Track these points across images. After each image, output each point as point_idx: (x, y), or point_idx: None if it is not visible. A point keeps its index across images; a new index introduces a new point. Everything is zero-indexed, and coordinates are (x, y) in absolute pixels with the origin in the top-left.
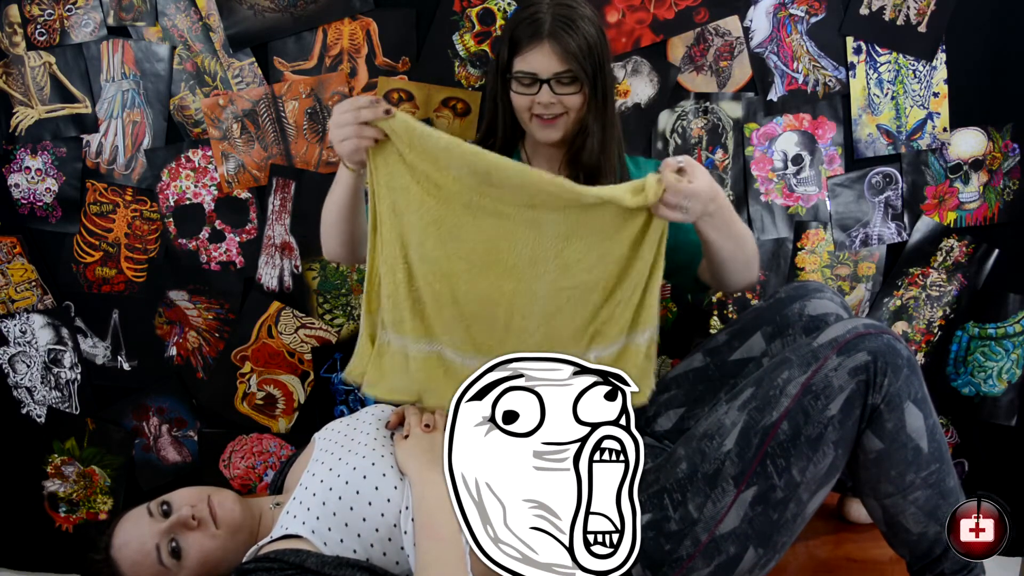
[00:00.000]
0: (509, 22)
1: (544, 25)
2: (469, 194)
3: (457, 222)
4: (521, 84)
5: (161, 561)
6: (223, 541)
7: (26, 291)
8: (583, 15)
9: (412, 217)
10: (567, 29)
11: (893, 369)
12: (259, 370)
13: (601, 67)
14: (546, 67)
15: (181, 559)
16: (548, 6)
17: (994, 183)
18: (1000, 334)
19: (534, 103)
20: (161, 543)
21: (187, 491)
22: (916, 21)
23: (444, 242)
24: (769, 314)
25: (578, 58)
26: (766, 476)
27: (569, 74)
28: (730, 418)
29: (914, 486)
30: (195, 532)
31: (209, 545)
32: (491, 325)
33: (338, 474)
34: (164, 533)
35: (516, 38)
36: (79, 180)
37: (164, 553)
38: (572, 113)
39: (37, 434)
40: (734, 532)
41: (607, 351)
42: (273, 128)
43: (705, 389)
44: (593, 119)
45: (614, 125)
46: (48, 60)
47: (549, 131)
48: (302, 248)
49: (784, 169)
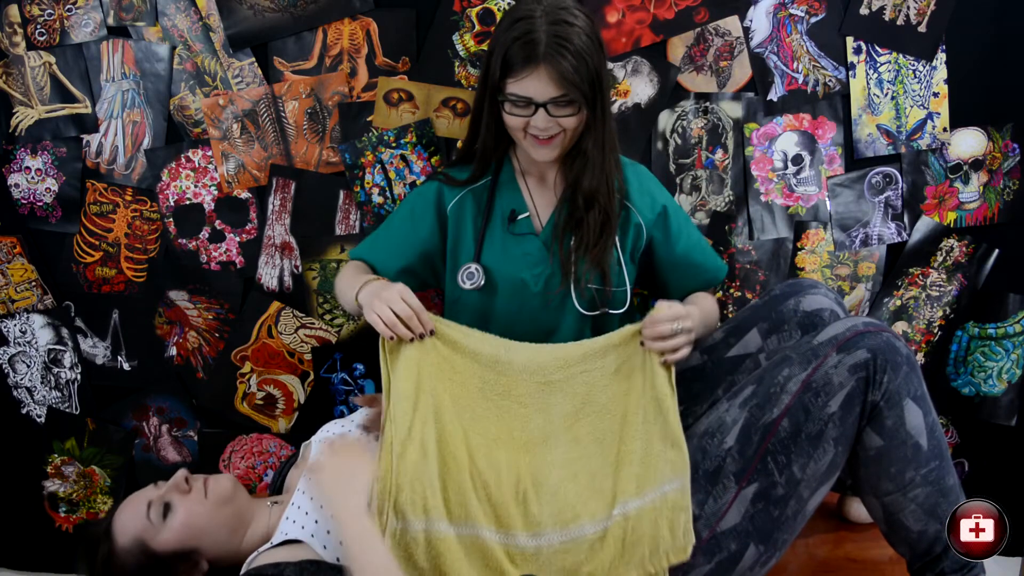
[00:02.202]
0: (501, 36)
1: (539, 47)
2: (482, 380)
3: (472, 403)
4: (516, 106)
5: (149, 516)
6: (208, 509)
7: (26, 291)
8: (578, 28)
9: (432, 392)
10: (563, 50)
11: (893, 366)
12: (259, 370)
13: (599, 84)
14: (542, 92)
15: (167, 518)
16: (542, 21)
17: (994, 183)
18: (1000, 334)
19: (529, 124)
20: (154, 501)
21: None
22: (916, 21)
23: (461, 417)
24: (764, 310)
25: (575, 81)
26: (767, 473)
27: (566, 98)
28: (731, 415)
29: (914, 483)
30: (185, 495)
31: (195, 509)
32: (512, 492)
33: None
34: (159, 496)
35: (509, 59)
36: (79, 180)
37: (153, 510)
38: (569, 132)
39: (37, 434)
40: (735, 529)
41: (630, 506)
42: (273, 128)
43: (702, 386)
44: (593, 143)
45: (613, 140)
46: (48, 60)
47: (544, 151)
48: (302, 248)
49: (784, 169)
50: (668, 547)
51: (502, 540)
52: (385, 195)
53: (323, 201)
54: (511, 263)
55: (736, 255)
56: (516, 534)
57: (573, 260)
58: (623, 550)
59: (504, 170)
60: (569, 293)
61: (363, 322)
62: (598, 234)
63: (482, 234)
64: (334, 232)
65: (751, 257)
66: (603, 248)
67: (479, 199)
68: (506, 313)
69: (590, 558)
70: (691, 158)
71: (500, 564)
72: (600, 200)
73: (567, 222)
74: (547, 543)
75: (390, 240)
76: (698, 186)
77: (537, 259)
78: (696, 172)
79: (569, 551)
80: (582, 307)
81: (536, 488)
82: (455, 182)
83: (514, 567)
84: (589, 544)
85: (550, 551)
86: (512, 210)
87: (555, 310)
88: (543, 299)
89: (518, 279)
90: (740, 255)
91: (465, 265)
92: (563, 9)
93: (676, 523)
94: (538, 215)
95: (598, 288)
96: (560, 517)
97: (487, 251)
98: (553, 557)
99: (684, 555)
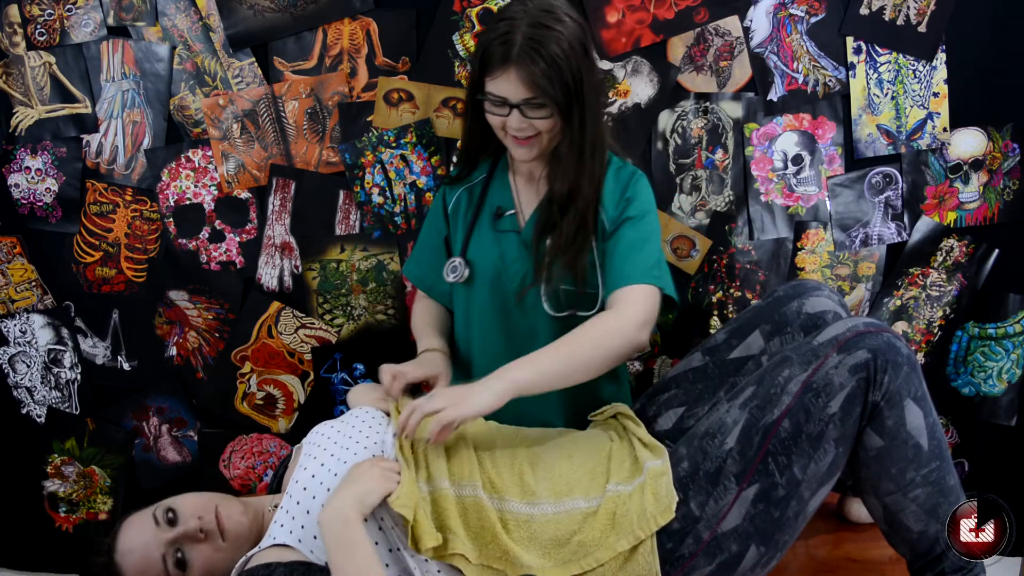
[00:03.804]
0: (483, 35)
1: (513, 48)
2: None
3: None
4: (494, 105)
5: (167, 571)
6: (229, 553)
7: (26, 291)
8: (558, 35)
9: None
10: (536, 53)
11: (893, 367)
12: (259, 370)
13: (576, 91)
14: (514, 93)
15: (186, 570)
16: (522, 22)
17: (994, 183)
18: (1000, 334)
19: (506, 124)
20: (167, 553)
21: (193, 498)
22: (916, 21)
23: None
24: (767, 312)
25: (545, 87)
26: (768, 474)
27: (537, 100)
28: (731, 416)
29: (914, 484)
30: (201, 544)
31: (215, 557)
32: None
33: (320, 480)
34: (170, 543)
35: (486, 58)
36: (79, 180)
37: (170, 564)
38: (545, 135)
39: (37, 434)
40: (736, 530)
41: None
42: (273, 128)
43: (705, 388)
44: (567, 147)
45: (596, 145)
46: (48, 60)
47: (523, 151)
48: (302, 248)
49: (784, 169)
50: (654, 511)
51: (496, 505)
52: (385, 195)
53: (323, 201)
54: (493, 259)
55: (736, 255)
56: (510, 500)
57: (547, 261)
58: (613, 522)
59: (498, 167)
60: (539, 293)
61: (363, 322)
62: (572, 237)
63: (470, 229)
64: (334, 232)
65: (751, 257)
66: (576, 251)
67: (473, 195)
68: (486, 309)
69: (582, 528)
70: (691, 158)
71: (493, 527)
72: (577, 204)
73: (546, 222)
74: (540, 512)
75: (423, 255)
76: (698, 186)
77: (516, 256)
78: (696, 172)
79: (562, 521)
80: (550, 308)
81: (532, 466)
82: (454, 180)
83: (506, 533)
84: (582, 516)
85: (543, 519)
86: (499, 207)
87: (530, 309)
88: (518, 296)
89: (496, 275)
90: (740, 255)
91: (451, 259)
92: (547, 12)
93: (659, 488)
94: (522, 213)
95: (570, 289)
96: (555, 490)
97: (473, 246)
98: (546, 525)
99: (669, 514)
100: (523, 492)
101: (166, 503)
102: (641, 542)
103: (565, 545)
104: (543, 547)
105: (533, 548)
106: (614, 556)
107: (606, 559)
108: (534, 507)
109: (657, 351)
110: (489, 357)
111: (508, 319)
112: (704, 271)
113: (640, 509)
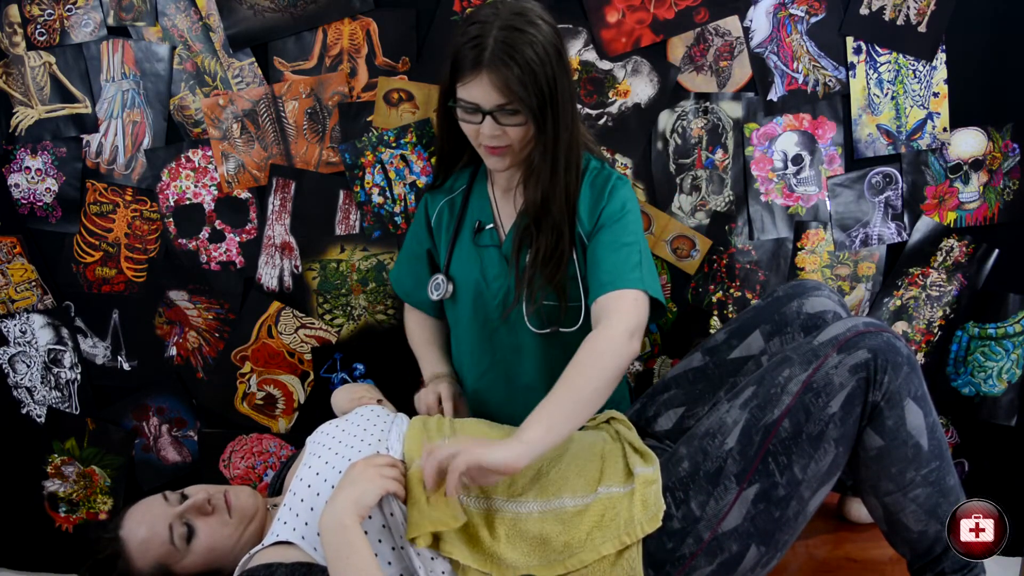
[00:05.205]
0: (455, 39)
1: (485, 52)
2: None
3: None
4: (466, 112)
5: (172, 541)
6: (234, 530)
7: (26, 291)
8: (531, 39)
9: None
10: (508, 58)
11: (893, 367)
12: (259, 370)
13: (551, 97)
14: (487, 99)
15: (191, 542)
16: (493, 25)
17: (994, 183)
18: (1000, 334)
19: (479, 132)
20: (174, 523)
21: (204, 485)
22: (916, 21)
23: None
24: (767, 312)
25: (519, 92)
26: (768, 474)
27: (511, 107)
28: (731, 416)
29: (914, 484)
30: (208, 517)
31: (220, 532)
32: None
33: (324, 478)
34: (178, 515)
35: (457, 63)
36: (79, 180)
37: (177, 534)
38: (517, 142)
39: (37, 434)
40: (736, 530)
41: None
42: (273, 128)
43: (704, 388)
44: (540, 154)
45: (571, 154)
46: (48, 60)
47: (496, 160)
48: (302, 248)
49: (784, 169)
50: (641, 519)
51: (483, 505)
52: (385, 195)
53: (323, 201)
54: (475, 275)
55: (736, 255)
56: (496, 498)
57: (528, 276)
58: (600, 524)
59: (477, 179)
60: (521, 311)
61: (363, 322)
62: (550, 252)
63: (452, 244)
64: (334, 232)
65: (751, 257)
66: (556, 264)
67: (454, 207)
68: (472, 326)
69: (567, 529)
70: (691, 158)
71: (477, 531)
72: (553, 215)
73: (524, 235)
74: (526, 510)
75: (405, 264)
76: (698, 186)
77: (498, 273)
78: (696, 172)
79: (548, 520)
80: (532, 325)
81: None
82: (433, 187)
83: (491, 534)
84: (569, 515)
85: (528, 518)
86: (479, 220)
87: (514, 325)
88: (501, 313)
89: (478, 292)
90: (740, 255)
91: (434, 276)
92: (520, 16)
93: (648, 496)
94: (502, 226)
95: (553, 305)
96: (543, 493)
97: (456, 261)
98: (531, 524)
99: (656, 523)
100: (510, 491)
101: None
102: (627, 548)
103: (550, 544)
104: (529, 545)
105: (519, 546)
106: (599, 559)
107: (590, 561)
108: (520, 505)
109: (657, 351)
110: (476, 374)
111: (493, 335)
112: (704, 271)
113: (628, 515)
